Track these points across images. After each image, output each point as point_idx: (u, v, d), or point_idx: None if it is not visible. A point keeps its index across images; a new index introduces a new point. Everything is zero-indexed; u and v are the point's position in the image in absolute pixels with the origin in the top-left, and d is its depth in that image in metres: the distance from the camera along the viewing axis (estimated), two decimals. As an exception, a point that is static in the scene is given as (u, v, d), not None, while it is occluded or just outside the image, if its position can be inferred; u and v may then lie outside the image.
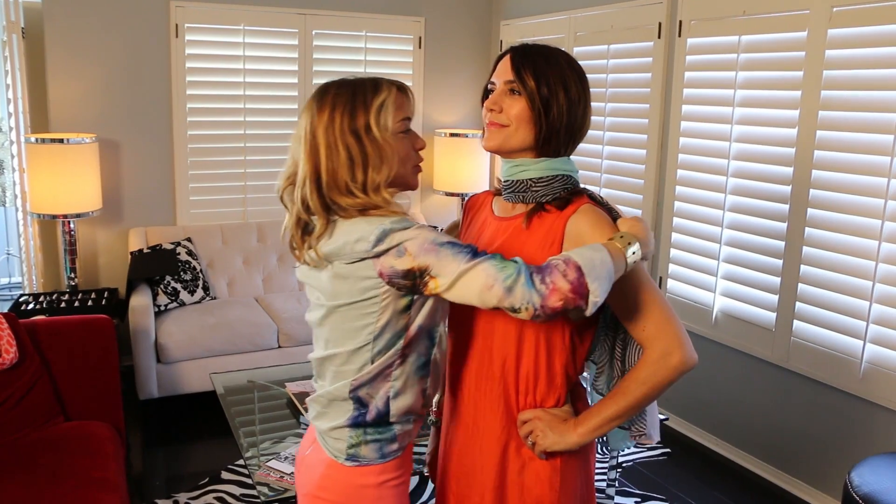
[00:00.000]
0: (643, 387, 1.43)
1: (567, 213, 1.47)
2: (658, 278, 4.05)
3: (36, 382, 2.92)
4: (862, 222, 3.03)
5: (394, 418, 1.53)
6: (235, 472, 3.44)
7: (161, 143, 4.64)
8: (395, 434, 1.54)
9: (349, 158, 1.44)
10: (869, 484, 2.44)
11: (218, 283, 4.55)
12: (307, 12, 4.86)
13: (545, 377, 1.51)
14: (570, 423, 1.48)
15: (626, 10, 4.16)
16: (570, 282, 1.29)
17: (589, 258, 1.32)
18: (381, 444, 1.53)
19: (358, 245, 1.41)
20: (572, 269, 1.30)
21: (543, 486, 1.51)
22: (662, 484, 3.49)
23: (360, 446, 1.53)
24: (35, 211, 4.12)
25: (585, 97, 1.50)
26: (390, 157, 1.46)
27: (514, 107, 1.47)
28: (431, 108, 5.37)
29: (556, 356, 1.51)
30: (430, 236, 1.38)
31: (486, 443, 1.55)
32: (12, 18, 4.46)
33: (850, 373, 3.11)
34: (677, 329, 1.43)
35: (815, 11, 3.15)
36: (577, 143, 1.53)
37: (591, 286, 1.30)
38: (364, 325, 1.47)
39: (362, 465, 1.53)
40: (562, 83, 1.46)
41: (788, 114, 3.30)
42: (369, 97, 1.47)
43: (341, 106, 1.46)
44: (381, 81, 1.50)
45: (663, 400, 4.08)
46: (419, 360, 1.53)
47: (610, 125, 4.30)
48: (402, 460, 1.58)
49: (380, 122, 1.45)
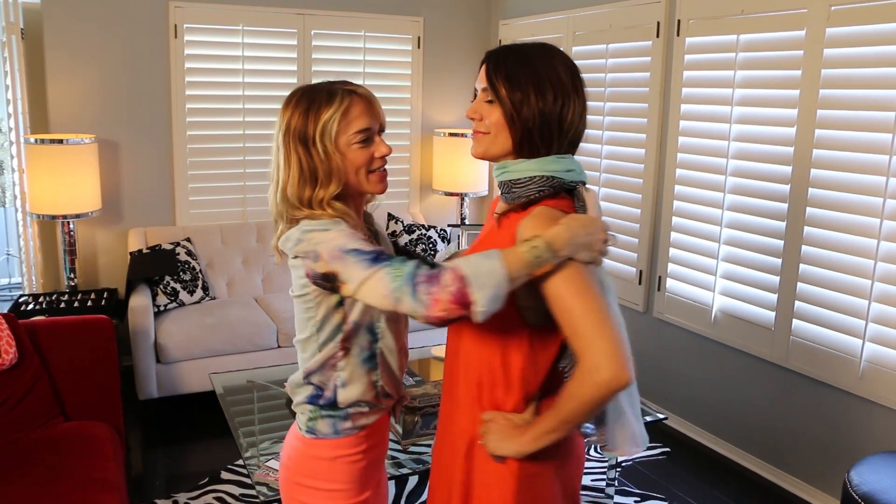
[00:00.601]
0: (572, 401, 1.37)
1: (523, 215, 1.45)
2: (657, 278, 4.05)
3: (35, 383, 2.92)
4: (861, 221, 3.03)
5: (342, 405, 1.64)
6: (235, 472, 3.44)
7: (160, 144, 4.64)
8: (348, 413, 1.65)
9: (300, 171, 1.54)
10: (868, 483, 2.44)
11: (217, 284, 4.55)
12: (306, 12, 4.86)
13: (502, 380, 1.50)
14: (520, 430, 1.46)
15: (624, 9, 4.16)
16: (451, 293, 1.30)
17: (476, 267, 1.31)
18: (334, 421, 1.65)
19: (287, 244, 1.54)
20: (457, 279, 1.30)
21: (502, 489, 1.50)
22: (662, 483, 3.50)
23: (317, 420, 1.65)
24: (34, 211, 4.13)
25: (565, 92, 1.45)
26: (337, 170, 1.54)
27: (492, 115, 1.47)
28: (430, 107, 5.37)
29: (513, 360, 1.48)
30: (339, 242, 1.44)
31: (457, 437, 1.57)
32: (11, 19, 4.46)
33: (849, 372, 3.11)
34: (610, 344, 1.32)
35: (813, 10, 3.15)
36: (565, 141, 1.48)
37: (473, 296, 1.29)
38: (308, 317, 1.61)
39: (318, 438, 1.66)
40: (533, 83, 1.44)
41: (787, 113, 3.30)
42: (321, 109, 1.53)
43: (298, 113, 1.54)
44: (338, 91, 1.55)
45: (662, 399, 4.08)
46: (363, 353, 1.63)
47: (609, 125, 4.30)
48: (358, 439, 1.67)
49: (325, 135, 1.52)
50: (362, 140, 1.55)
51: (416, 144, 5.36)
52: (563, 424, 1.41)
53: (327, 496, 1.67)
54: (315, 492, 1.67)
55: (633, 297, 4.22)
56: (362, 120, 1.55)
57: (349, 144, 1.54)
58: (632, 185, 4.18)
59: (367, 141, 1.56)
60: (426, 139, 5.37)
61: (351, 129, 1.54)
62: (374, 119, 1.58)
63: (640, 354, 4.23)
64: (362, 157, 1.56)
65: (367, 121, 1.56)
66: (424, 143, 5.38)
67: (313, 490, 1.68)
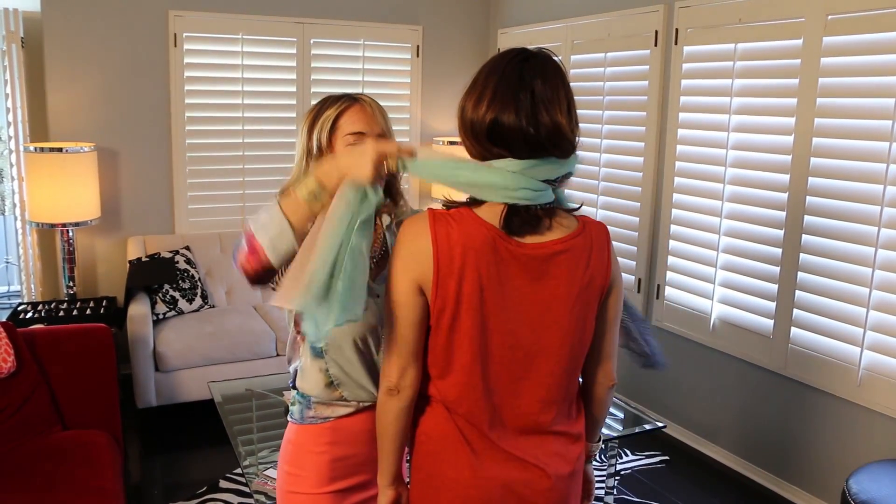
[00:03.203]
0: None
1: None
2: (656, 286, 4.05)
3: (34, 391, 2.92)
4: (858, 229, 3.04)
5: (301, 388, 1.73)
6: (233, 481, 3.44)
7: (159, 152, 4.65)
8: (311, 402, 1.72)
9: (299, 164, 1.68)
10: (867, 491, 2.44)
11: (216, 292, 4.55)
12: (305, 21, 4.88)
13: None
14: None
15: (622, 18, 4.17)
16: (244, 247, 1.48)
17: (258, 218, 1.48)
18: (301, 408, 1.73)
19: None
20: (246, 234, 1.48)
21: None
22: (661, 491, 3.49)
23: (294, 405, 1.75)
24: (34, 220, 4.13)
25: (471, 91, 1.43)
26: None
27: None
28: (429, 116, 5.38)
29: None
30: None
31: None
32: (12, 28, 4.48)
33: (847, 380, 3.11)
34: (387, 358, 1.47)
35: (810, 19, 3.17)
36: (480, 140, 1.42)
37: (260, 241, 1.46)
38: None
39: (292, 422, 1.76)
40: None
41: (784, 121, 3.31)
42: (320, 113, 1.67)
43: (308, 118, 1.70)
44: (337, 98, 1.69)
45: (661, 407, 4.08)
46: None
47: (607, 133, 4.31)
48: (320, 430, 1.72)
49: (322, 132, 1.66)
50: (355, 142, 1.64)
51: (415, 153, 5.36)
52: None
53: (292, 479, 1.74)
54: (286, 474, 1.76)
55: (631, 305, 4.22)
56: (356, 124, 1.66)
57: (343, 146, 1.64)
58: (630, 194, 4.19)
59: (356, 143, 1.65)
60: (425, 147, 5.38)
61: (344, 131, 1.65)
62: (370, 125, 1.66)
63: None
64: None
65: (361, 125, 1.66)
66: (423, 151, 5.38)
67: (284, 472, 1.77)
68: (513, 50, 1.44)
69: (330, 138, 1.65)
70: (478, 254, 1.39)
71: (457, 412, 1.47)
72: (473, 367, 1.43)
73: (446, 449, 1.48)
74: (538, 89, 1.37)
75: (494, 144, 1.40)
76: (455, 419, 1.47)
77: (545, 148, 1.39)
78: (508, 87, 1.38)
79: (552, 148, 1.40)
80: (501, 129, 1.38)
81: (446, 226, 1.40)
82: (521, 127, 1.37)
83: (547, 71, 1.40)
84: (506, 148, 1.39)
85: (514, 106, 1.37)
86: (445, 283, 1.39)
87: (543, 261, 1.42)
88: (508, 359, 1.45)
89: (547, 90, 1.38)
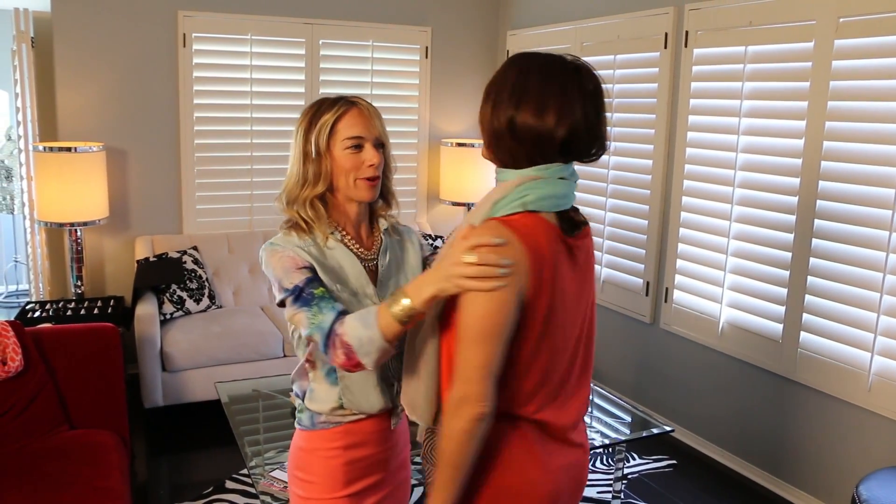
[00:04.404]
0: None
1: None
2: (664, 289, 4.03)
3: (41, 391, 2.92)
4: (869, 233, 3.02)
5: (308, 407, 1.72)
6: (239, 482, 3.44)
7: (168, 152, 4.65)
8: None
9: (297, 171, 1.68)
10: (877, 497, 2.42)
11: (224, 292, 4.56)
12: (314, 22, 4.88)
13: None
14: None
15: (632, 20, 4.16)
16: (344, 357, 1.52)
17: (358, 339, 1.51)
18: (311, 414, 1.73)
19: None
20: (344, 347, 1.51)
21: None
22: (668, 496, 3.47)
23: (303, 412, 1.75)
24: (42, 219, 4.14)
25: (505, 99, 1.44)
26: (326, 172, 1.66)
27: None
28: (438, 117, 5.38)
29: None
30: (277, 274, 1.61)
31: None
32: (22, 28, 4.49)
33: (857, 385, 3.09)
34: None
35: (821, 22, 3.15)
36: (529, 149, 1.45)
37: (362, 361, 1.52)
38: (291, 328, 1.72)
39: (301, 429, 1.77)
40: (485, 94, 1.50)
41: (795, 124, 3.29)
42: (317, 116, 1.67)
43: (306, 119, 1.68)
44: (336, 101, 1.68)
45: (669, 411, 4.07)
46: (325, 367, 1.70)
47: (616, 135, 4.30)
48: (333, 434, 1.71)
49: (320, 137, 1.65)
50: (353, 146, 1.65)
51: (424, 154, 5.37)
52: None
53: (307, 486, 1.74)
54: (299, 481, 1.76)
55: (640, 309, 4.21)
56: (355, 128, 1.65)
57: (341, 150, 1.65)
58: (639, 197, 4.18)
59: (357, 148, 1.66)
60: (433, 149, 5.38)
61: (343, 135, 1.65)
62: (368, 130, 1.67)
63: (647, 366, 4.22)
64: (350, 161, 1.65)
65: (359, 130, 1.66)
66: (432, 152, 5.38)
67: (297, 479, 1.76)
68: (556, 57, 1.47)
69: (328, 142, 1.65)
70: (554, 257, 1.44)
71: (531, 418, 1.48)
72: (553, 367, 1.48)
73: (519, 458, 1.48)
74: (599, 103, 1.46)
75: (561, 153, 1.45)
76: (527, 425, 1.49)
77: (594, 155, 1.51)
78: (575, 100, 1.42)
79: (597, 154, 1.51)
80: (573, 141, 1.44)
81: (528, 235, 1.41)
82: (587, 139, 1.46)
83: (598, 84, 1.47)
84: (567, 156, 1.46)
85: (585, 120, 1.43)
86: (541, 292, 1.42)
87: (585, 256, 1.54)
88: (571, 352, 1.52)
89: (601, 104, 1.47)
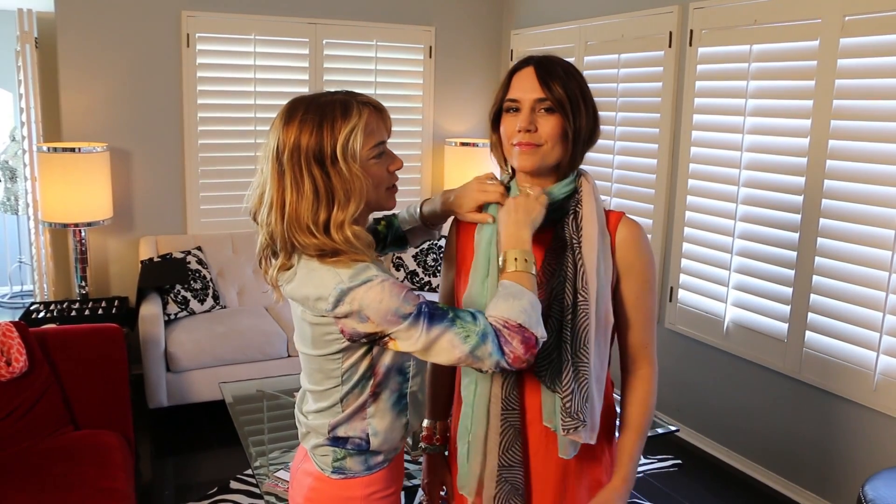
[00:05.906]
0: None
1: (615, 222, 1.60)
2: (669, 289, 4.02)
3: (45, 391, 2.92)
4: (875, 232, 3.00)
5: (374, 448, 1.53)
6: (244, 482, 3.44)
7: (172, 152, 4.65)
8: (380, 448, 1.55)
9: (314, 193, 1.38)
10: (883, 497, 2.41)
11: (228, 292, 4.56)
12: (318, 22, 4.88)
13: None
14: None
15: (636, 19, 4.15)
16: (521, 344, 1.34)
17: (522, 311, 1.35)
18: (365, 457, 1.53)
19: (318, 304, 1.39)
20: (517, 329, 1.34)
21: None
22: (673, 495, 3.47)
23: (346, 459, 1.53)
24: (46, 219, 4.14)
25: (595, 107, 1.54)
26: (359, 188, 1.39)
27: (548, 125, 1.47)
28: (442, 117, 5.37)
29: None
30: (389, 305, 1.35)
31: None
32: (26, 28, 4.50)
33: (863, 384, 3.08)
34: None
35: (826, 20, 3.14)
36: (587, 147, 1.59)
37: (537, 333, 1.36)
38: (331, 368, 1.48)
39: (349, 477, 1.53)
40: (582, 96, 1.48)
41: (800, 123, 3.28)
42: (338, 124, 1.38)
43: (308, 131, 1.39)
44: (352, 104, 1.41)
45: (674, 410, 4.06)
46: (393, 396, 1.52)
47: (620, 135, 4.29)
48: (389, 472, 1.58)
49: (347, 151, 1.38)
50: (378, 154, 1.44)
51: (428, 154, 5.36)
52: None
53: None
54: None
55: (644, 308, 4.19)
56: (380, 132, 1.45)
57: (367, 160, 1.42)
58: (643, 196, 4.17)
59: (380, 155, 1.45)
60: (437, 149, 5.37)
61: (371, 143, 1.41)
62: (387, 130, 1.48)
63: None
64: (381, 171, 1.45)
65: (382, 133, 1.45)
66: (436, 152, 5.38)
67: None
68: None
69: (359, 160, 1.40)
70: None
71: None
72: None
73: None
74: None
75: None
76: None
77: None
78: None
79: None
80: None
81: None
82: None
83: None
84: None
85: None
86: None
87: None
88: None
89: None
